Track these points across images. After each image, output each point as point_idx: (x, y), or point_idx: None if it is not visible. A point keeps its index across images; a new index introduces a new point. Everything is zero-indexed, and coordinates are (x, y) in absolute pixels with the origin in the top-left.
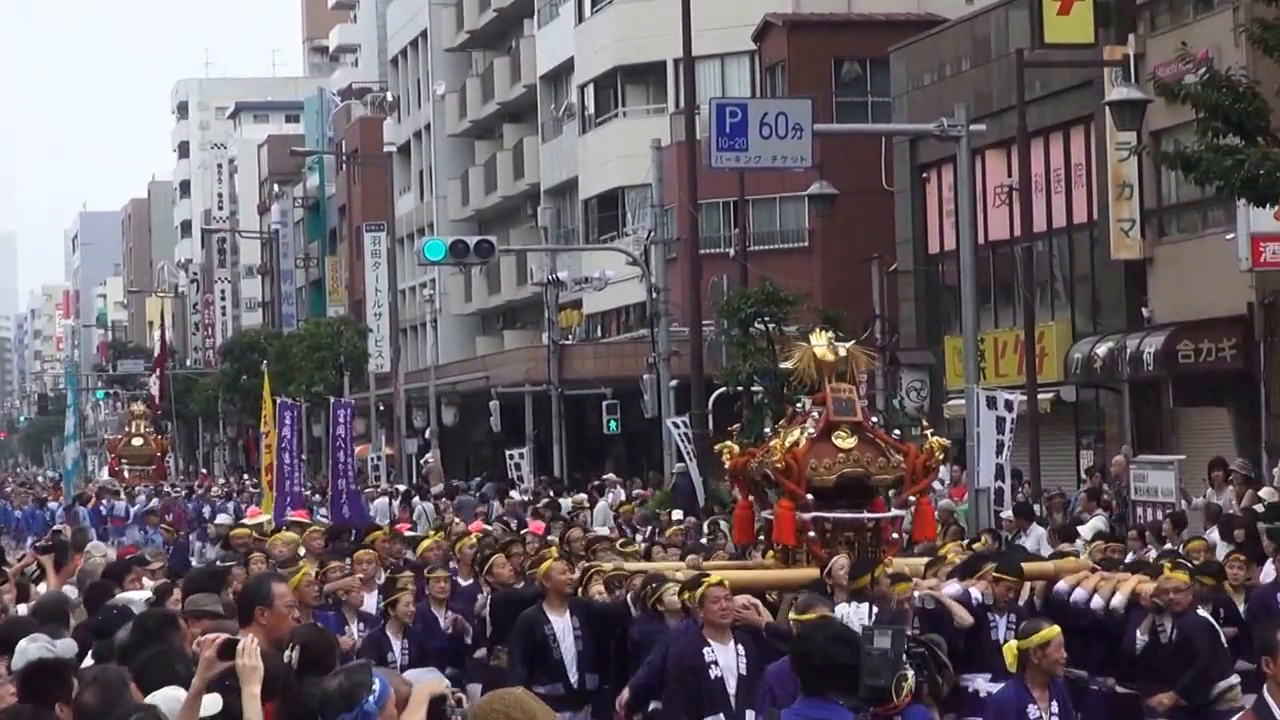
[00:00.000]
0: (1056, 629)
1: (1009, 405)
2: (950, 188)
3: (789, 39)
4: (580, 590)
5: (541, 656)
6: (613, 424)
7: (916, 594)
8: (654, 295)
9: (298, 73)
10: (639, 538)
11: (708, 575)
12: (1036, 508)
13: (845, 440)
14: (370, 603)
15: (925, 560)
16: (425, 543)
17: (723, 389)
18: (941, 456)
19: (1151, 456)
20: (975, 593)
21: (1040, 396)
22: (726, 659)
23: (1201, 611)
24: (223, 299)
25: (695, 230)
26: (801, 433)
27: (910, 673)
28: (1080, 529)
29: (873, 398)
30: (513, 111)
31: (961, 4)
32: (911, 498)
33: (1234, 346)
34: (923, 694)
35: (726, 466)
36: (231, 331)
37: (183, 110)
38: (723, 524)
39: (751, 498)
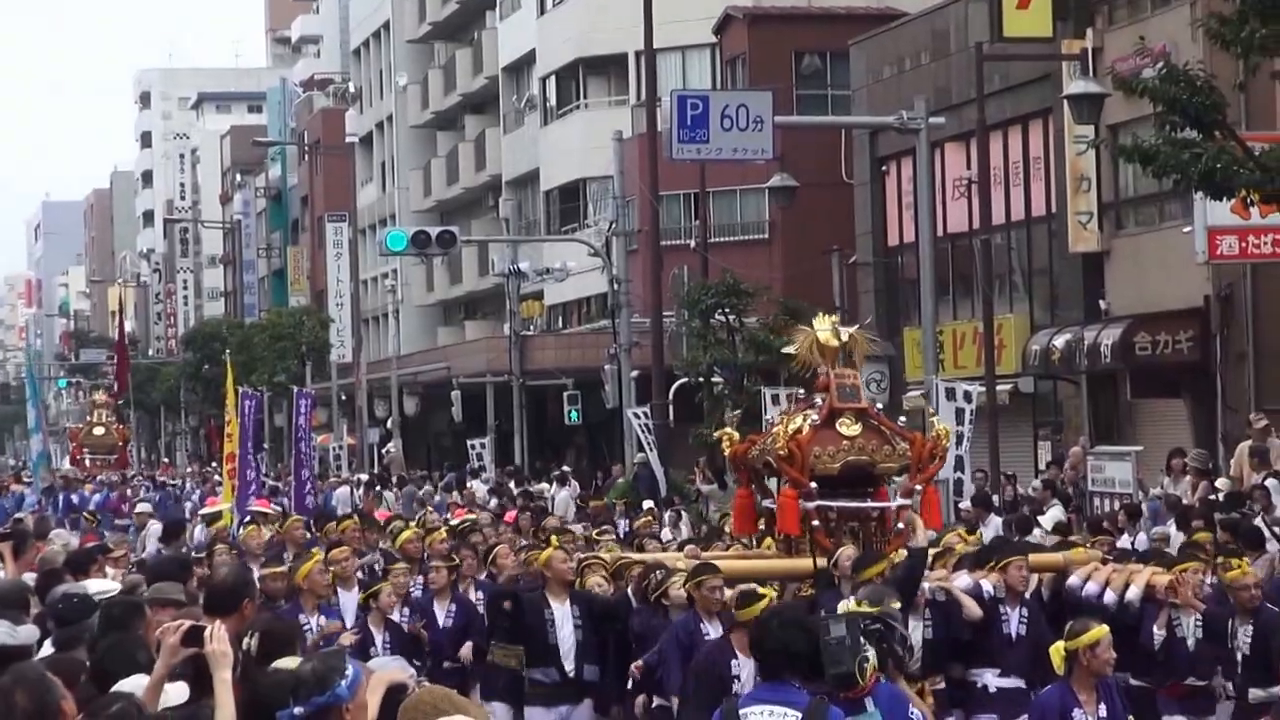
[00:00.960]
0: (1105, 628)
1: (968, 396)
2: (909, 180)
3: (750, 32)
4: (578, 582)
5: (538, 640)
6: (574, 414)
7: (926, 585)
8: (615, 286)
9: (260, 63)
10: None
11: (714, 566)
12: (995, 498)
13: (850, 427)
14: (343, 598)
15: (933, 551)
16: (405, 534)
17: (683, 379)
18: (948, 444)
19: (1108, 448)
20: (986, 585)
21: (998, 388)
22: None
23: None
24: (185, 289)
25: (656, 222)
26: (805, 420)
27: (871, 653)
28: (1040, 519)
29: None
30: (475, 103)
31: None
32: (918, 486)
33: (1190, 339)
34: (888, 668)
35: (726, 454)
36: (194, 321)
37: (145, 100)
38: (684, 514)
39: (752, 486)
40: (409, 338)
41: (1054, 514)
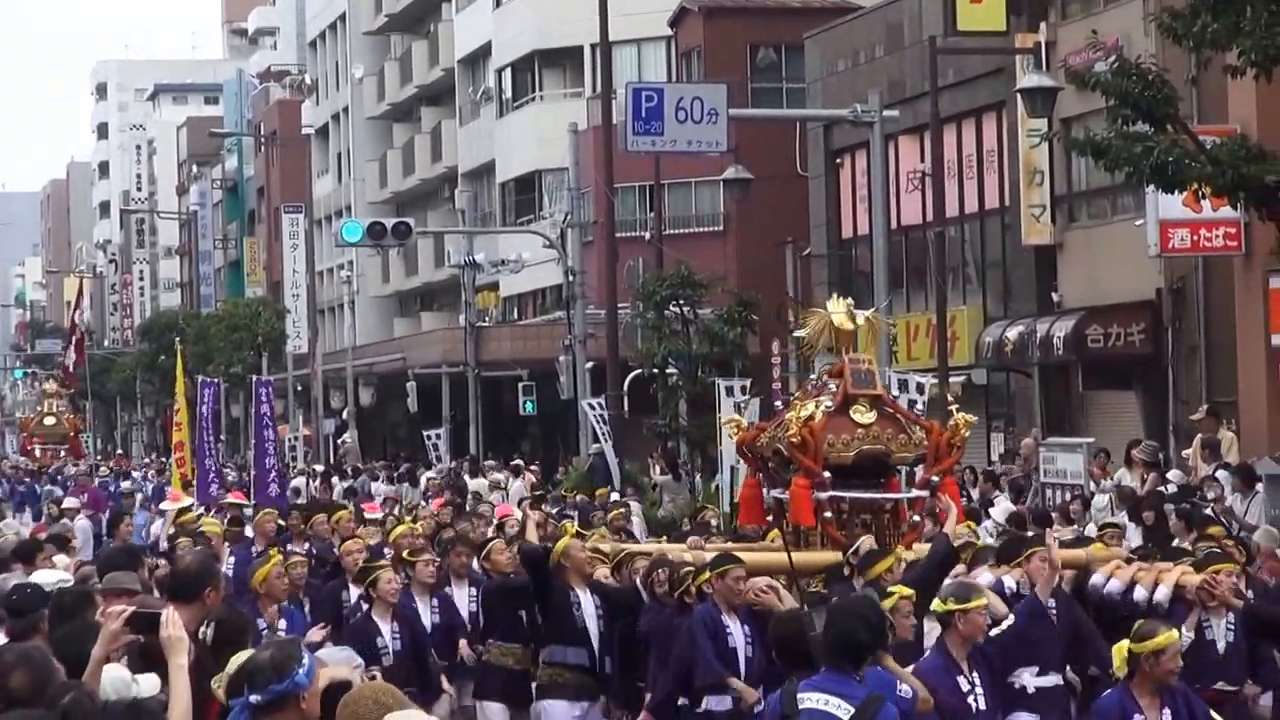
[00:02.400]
0: (1175, 634)
1: (920, 388)
2: (863, 173)
3: (705, 25)
4: None
5: (566, 622)
6: (529, 405)
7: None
8: (570, 278)
9: (217, 55)
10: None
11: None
12: None
13: (864, 415)
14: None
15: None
16: (399, 529)
17: (638, 371)
18: (967, 434)
19: (1061, 439)
20: (1009, 582)
21: (951, 379)
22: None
23: None
24: (141, 279)
25: (611, 213)
26: (817, 406)
27: None
28: (991, 511)
29: (785, 380)
30: (431, 95)
31: None
32: (934, 477)
33: (1142, 331)
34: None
35: (734, 442)
36: (150, 312)
37: (102, 92)
38: (634, 505)
39: (759, 475)
40: (365, 329)
41: (1003, 506)
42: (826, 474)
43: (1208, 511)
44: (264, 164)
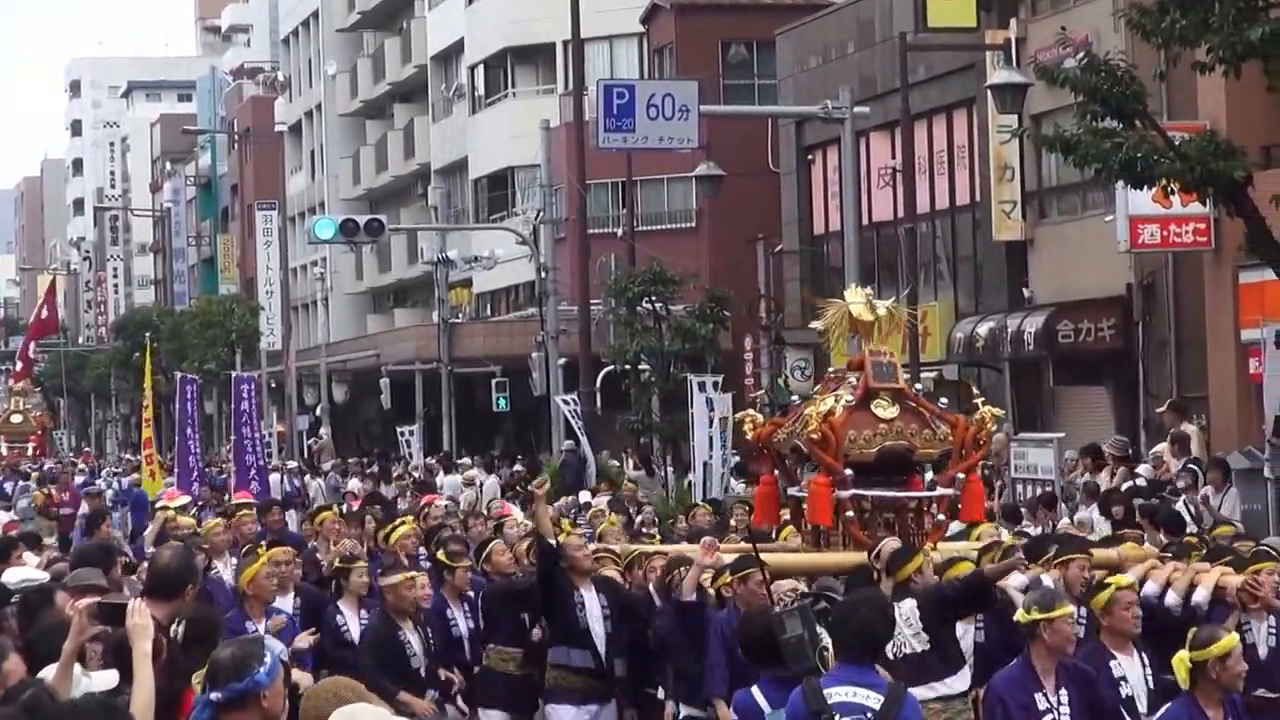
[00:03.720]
0: (1235, 637)
1: None
2: (835, 169)
3: (677, 21)
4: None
5: (568, 621)
6: (502, 401)
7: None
8: (543, 274)
9: (190, 52)
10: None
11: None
12: None
13: (886, 409)
14: (285, 601)
15: (979, 545)
16: (401, 529)
17: (610, 367)
18: (994, 428)
19: (1031, 435)
20: (1046, 581)
21: (923, 375)
22: None
23: None
24: (115, 277)
25: (584, 210)
26: (837, 401)
27: (827, 640)
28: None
29: (758, 376)
30: (403, 91)
31: None
32: (960, 474)
33: (1113, 327)
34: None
35: (750, 437)
36: (124, 309)
37: (75, 89)
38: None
39: (776, 472)
40: (338, 325)
41: None
42: (848, 471)
43: (1178, 506)
44: (237, 161)
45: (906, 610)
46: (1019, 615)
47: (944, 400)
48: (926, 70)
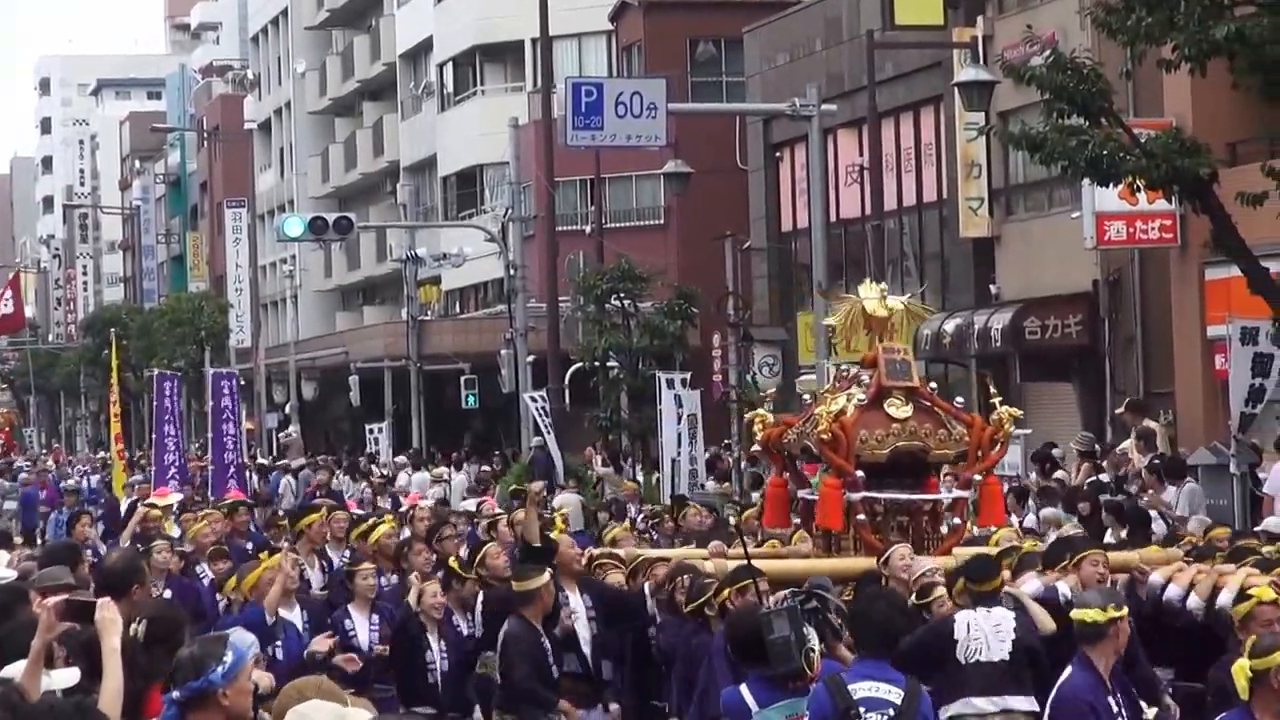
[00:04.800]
0: None
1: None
2: (803, 166)
3: (645, 19)
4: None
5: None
6: (471, 399)
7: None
8: (511, 272)
9: (160, 50)
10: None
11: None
12: None
13: (900, 409)
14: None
15: (993, 551)
16: (381, 529)
17: (579, 364)
18: (1012, 428)
19: None
20: (1063, 588)
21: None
22: None
23: None
24: (84, 274)
25: (552, 207)
26: (849, 400)
27: (814, 640)
28: None
29: (726, 373)
30: (373, 89)
31: None
32: (976, 476)
33: (1079, 323)
34: (826, 640)
35: (759, 437)
36: (93, 306)
37: (45, 87)
38: (573, 497)
39: (787, 474)
40: (307, 323)
41: None
42: (860, 473)
43: (1142, 504)
44: (207, 159)
45: (1000, 618)
46: (1092, 615)
47: (960, 399)
48: (894, 68)
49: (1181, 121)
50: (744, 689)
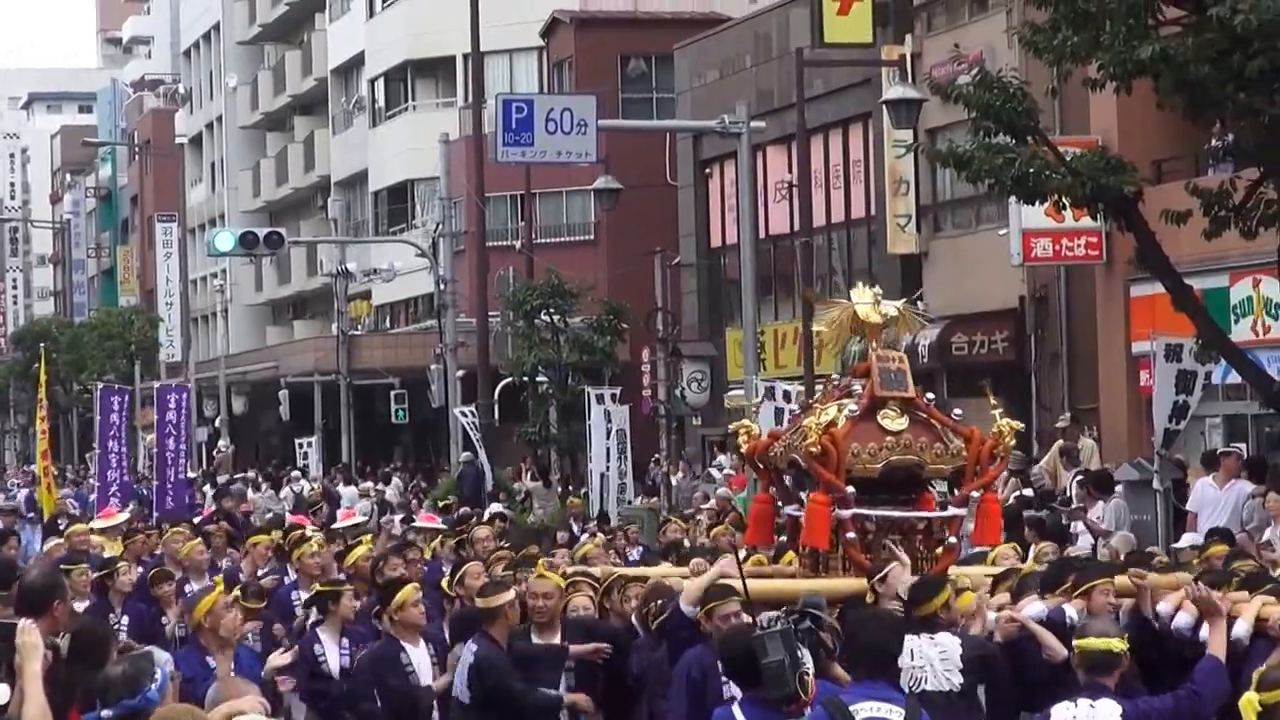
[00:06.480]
0: None
1: (787, 396)
2: (732, 183)
3: (576, 35)
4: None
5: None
6: (400, 413)
7: (991, 616)
8: (441, 287)
9: (91, 64)
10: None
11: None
12: None
13: (894, 421)
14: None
15: (993, 571)
16: (358, 550)
17: (508, 379)
18: (1013, 442)
19: None
20: (1071, 612)
21: (817, 387)
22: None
23: None
24: (14, 288)
25: (482, 223)
26: (840, 410)
27: (809, 663)
28: None
29: (655, 388)
30: (304, 104)
31: (745, 3)
32: (975, 493)
33: (1006, 339)
34: (820, 660)
35: (743, 450)
36: (23, 320)
37: None
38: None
39: (772, 489)
40: (238, 337)
41: None
42: (850, 489)
43: (1064, 521)
44: (138, 173)
45: (944, 644)
46: (1113, 645)
47: (958, 411)
48: (823, 85)
49: (1107, 140)
50: (736, 709)
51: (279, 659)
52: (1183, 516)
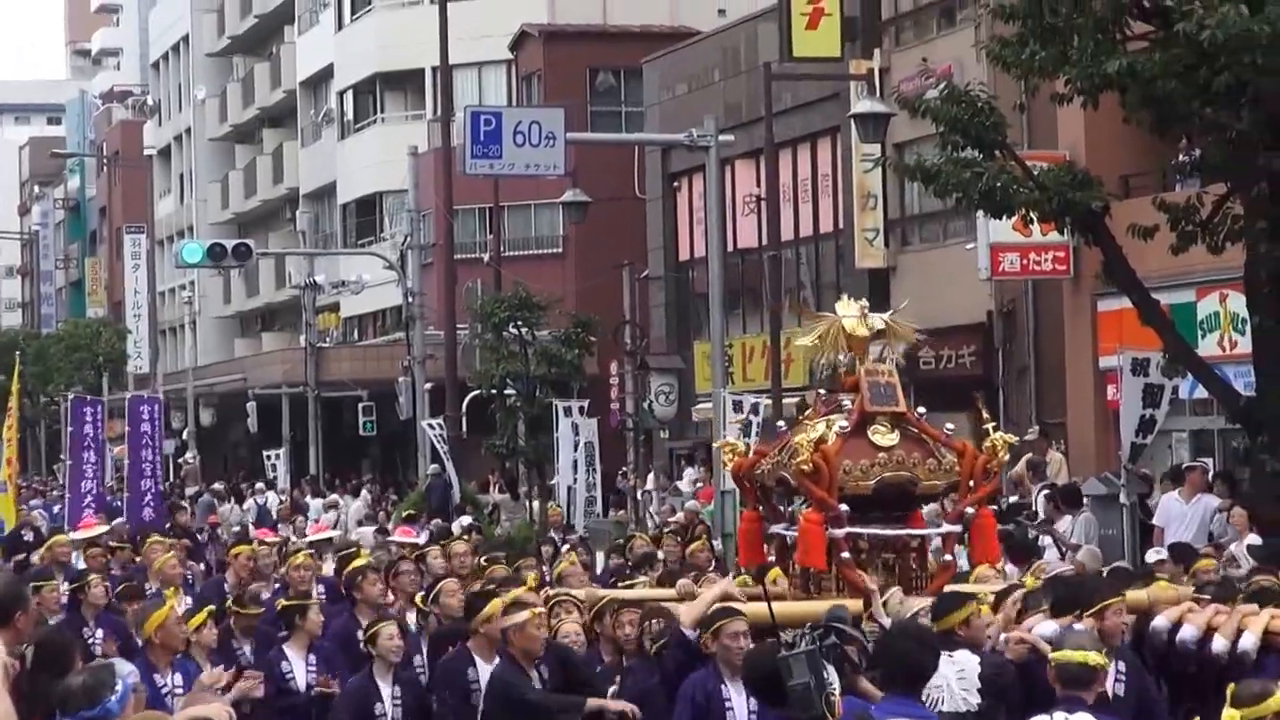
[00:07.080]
0: None
1: (755, 409)
2: (700, 196)
3: (545, 49)
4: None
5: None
6: (369, 425)
7: (1000, 635)
8: (410, 299)
9: (60, 75)
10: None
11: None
12: None
13: (885, 436)
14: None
15: (995, 588)
16: (357, 561)
17: (477, 392)
18: (1006, 457)
19: None
20: (1080, 630)
21: (785, 400)
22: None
23: None
24: None
25: (451, 236)
26: (830, 426)
27: (835, 683)
28: None
29: (623, 401)
30: (273, 116)
31: (714, 17)
32: (969, 509)
33: (974, 353)
34: (846, 675)
35: (729, 468)
36: None
37: None
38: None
39: (760, 507)
40: (206, 349)
41: None
42: (843, 507)
43: (1033, 534)
44: (106, 184)
45: (963, 662)
46: (1091, 659)
47: (950, 426)
48: (791, 99)
49: (1074, 154)
50: None
51: (214, 676)
52: (1150, 531)
